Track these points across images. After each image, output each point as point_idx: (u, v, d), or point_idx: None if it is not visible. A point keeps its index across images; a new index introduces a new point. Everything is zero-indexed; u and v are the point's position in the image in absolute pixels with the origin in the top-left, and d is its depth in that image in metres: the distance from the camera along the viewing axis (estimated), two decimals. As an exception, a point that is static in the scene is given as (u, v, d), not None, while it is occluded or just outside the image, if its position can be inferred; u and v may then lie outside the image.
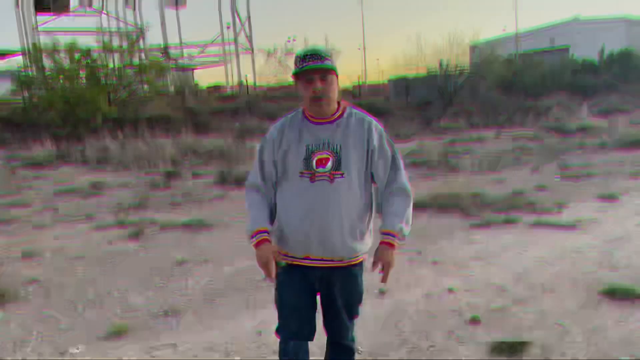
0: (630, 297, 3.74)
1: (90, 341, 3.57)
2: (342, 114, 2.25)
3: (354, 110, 2.29)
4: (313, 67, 2.11)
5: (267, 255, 2.18)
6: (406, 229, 2.28)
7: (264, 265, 2.19)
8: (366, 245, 2.33)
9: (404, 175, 2.33)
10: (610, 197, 6.99)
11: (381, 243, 2.25)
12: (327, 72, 2.13)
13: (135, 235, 6.16)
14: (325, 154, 2.17)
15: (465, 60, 27.54)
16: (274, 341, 3.34)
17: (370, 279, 4.46)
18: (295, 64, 2.17)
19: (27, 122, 16.92)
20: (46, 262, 5.38)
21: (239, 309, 4.03)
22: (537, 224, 5.88)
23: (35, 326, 3.84)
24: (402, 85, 27.67)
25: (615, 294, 3.80)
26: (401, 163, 2.34)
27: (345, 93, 31.81)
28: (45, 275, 4.94)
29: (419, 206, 6.94)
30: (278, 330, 2.38)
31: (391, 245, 2.23)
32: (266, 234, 2.21)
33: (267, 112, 19.86)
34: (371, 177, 2.31)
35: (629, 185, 7.88)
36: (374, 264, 2.27)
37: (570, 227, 5.71)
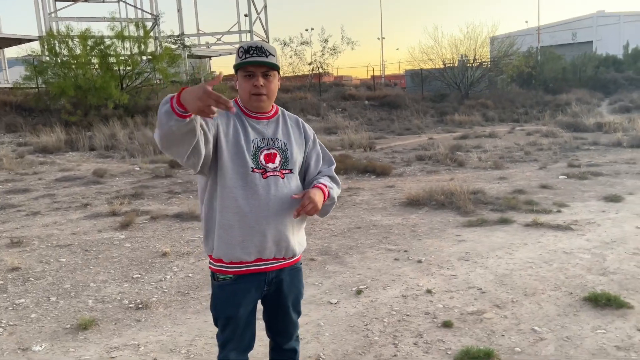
0: (613, 305, 3.58)
1: (55, 335, 3.53)
2: (277, 112, 2.21)
3: (281, 108, 2.26)
4: (256, 61, 2.02)
5: (200, 85, 1.69)
6: (334, 189, 2.20)
7: (205, 97, 1.65)
8: (305, 241, 2.33)
9: (332, 169, 2.31)
10: (613, 199, 6.76)
11: (314, 187, 2.13)
12: (270, 69, 2.06)
13: (125, 225, 6.15)
14: (272, 151, 2.12)
15: (483, 53, 27.11)
16: None
17: (349, 277, 4.40)
18: (239, 56, 2.06)
19: (39, 108, 17.12)
20: (32, 250, 5.39)
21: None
22: (533, 225, 5.70)
23: (5, 316, 3.83)
24: (418, 78, 27.32)
25: (598, 302, 3.64)
26: (330, 157, 2.33)
27: (362, 85, 31.58)
28: (27, 263, 4.95)
29: (415, 203, 6.83)
30: (219, 339, 2.26)
31: (321, 188, 2.12)
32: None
33: (280, 102, 19.80)
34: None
35: (637, 185, 7.63)
36: (302, 207, 2.04)
37: (566, 228, 5.52)
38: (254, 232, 2.05)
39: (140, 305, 3.97)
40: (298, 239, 2.20)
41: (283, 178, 2.10)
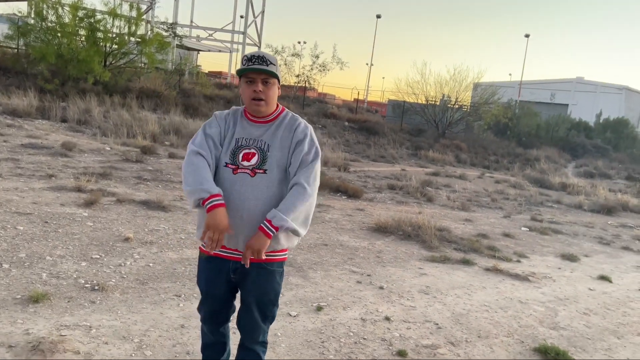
0: (560, 359, 3.69)
1: (4, 304, 3.41)
2: (277, 116, 2.35)
3: (290, 113, 2.39)
4: (257, 69, 2.22)
5: (224, 224, 2.13)
6: (290, 221, 2.17)
7: (216, 234, 2.12)
8: (282, 244, 2.31)
9: (310, 174, 2.25)
10: (570, 257, 6.99)
11: (258, 228, 2.19)
12: (269, 77, 2.25)
13: (89, 204, 6.00)
14: (252, 150, 2.27)
15: (466, 97, 27.78)
16: (192, 341, 3.26)
17: (311, 292, 4.41)
18: (242, 63, 2.27)
19: (15, 70, 16.60)
20: (-11, 212, 5.21)
21: (169, 298, 3.91)
22: (492, 270, 5.84)
23: (-46, 275, 3.68)
24: (400, 109, 27.79)
25: (547, 354, 3.75)
26: (313, 163, 2.28)
27: (344, 106, 31.88)
28: (-17, 225, 4.77)
29: (383, 230, 6.91)
30: (198, 309, 2.53)
31: (262, 230, 2.17)
32: (222, 199, 2.17)
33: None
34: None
35: (594, 248, 7.92)
36: (246, 250, 2.20)
37: (523, 279, 5.68)
38: None
39: (96, 287, 3.87)
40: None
41: (253, 176, 2.23)
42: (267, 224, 2.17)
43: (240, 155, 2.26)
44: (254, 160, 2.25)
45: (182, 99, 18.76)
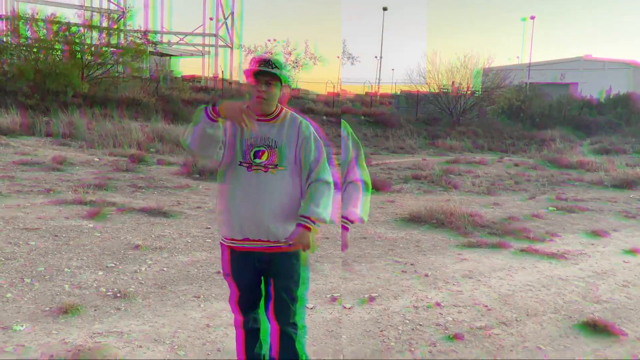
0: (610, 330, 3.86)
1: (35, 316, 3.58)
2: (279, 115, 2.57)
3: (290, 113, 2.61)
4: (264, 70, 2.44)
5: (235, 103, 2.38)
6: (322, 212, 2.49)
7: (237, 111, 2.35)
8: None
9: (325, 169, 2.56)
10: (600, 233, 7.12)
11: (297, 226, 2.49)
12: (273, 79, 2.46)
13: (93, 215, 6.19)
14: (262, 147, 2.51)
15: (476, 83, 27.75)
16: (220, 339, 3.44)
17: (360, 284, 4.61)
18: (251, 64, 2.49)
19: (-5, 88, 16.65)
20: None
21: (189, 299, 4.09)
22: (528, 250, 6.00)
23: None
24: (413, 99, 27.85)
25: (597, 326, 3.92)
26: (323, 158, 2.57)
27: (357, 100, 32.02)
28: (-5, 243, 4.96)
29: (416, 219, 7.09)
30: (234, 301, 2.69)
31: (306, 228, 2.47)
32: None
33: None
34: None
35: (621, 222, 8.03)
36: (291, 245, 2.50)
37: (560, 256, 5.83)
38: (237, 216, 2.51)
39: (118, 294, 4.06)
40: (283, 226, 2.51)
41: (266, 172, 2.49)
42: (307, 220, 2.46)
43: (252, 153, 2.49)
44: (265, 157, 2.49)
45: (162, 104, 18.91)
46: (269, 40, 35.15)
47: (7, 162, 9.35)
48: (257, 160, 2.49)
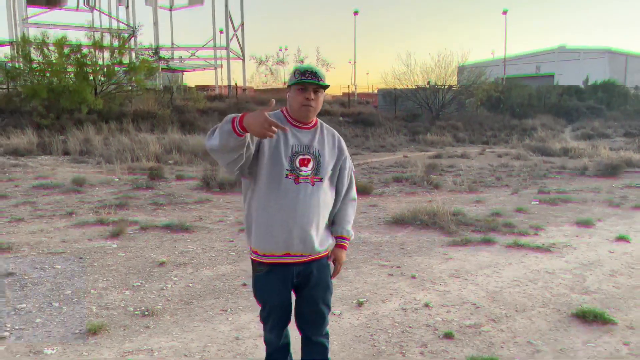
0: (600, 321, 3.85)
1: (65, 339, 3.55)
2: (316, 124, 2.53)
3: (319, 121, 2.56)
4: (314, 82, 2.37)
5: (261, 113, 2.06)
6: (352, 232, 2.67)
7: (264, 120, 2.04)
8: (330, 240, 2.60)
9: (354, 187, 2.69)
10: (585, 223, 7.16)
11: (336, 246, 2.61)
12: (321, 88, 2.42)
13: (115, 234, 6.14)
14: (308, 156, 2.43)
15: (453, 81, 27.98)
16: (250, 351, 3.41)
17: (348, 290, 4.56)
18: (295, 76, 2.40)
19: (9, 109, 16.70)
20: (23, 256, 5.33)
21: (217, 313, 4.05)
22: (514, 246, 6.00)
23: (9, 320, 3.81)
24: (391, 97, 27.97)
25: (586, 317, 3.91)
26: (353, 176, 2.69)
27: (335, 101, 32.09)
28: (21, 269, 4.90)
29: (400, 222, 7.06)
30: (264, 319, 2.64)
31: (344, 247, 2.63)
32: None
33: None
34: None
35: (605, 212, 8.09)
36: (333, 261, 2.63)
37: (545, 250, 5.84)
38: (283, 230, 2.39)
39: (146, 312, 4.01)
40: (322, 237, 2.50)
41: (313, 185, 2.41)
42: (346, 241, 2.63)
43: (297, 161, 2.40)
44: (310, 167, 2.42)
45: (177, 115, 18.93)
46: (280, 50, 34.69)
47: (28, 187, 9.28)
48: (304, 171, 2.39)
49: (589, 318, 3.88)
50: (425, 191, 10.00)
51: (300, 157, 2.41)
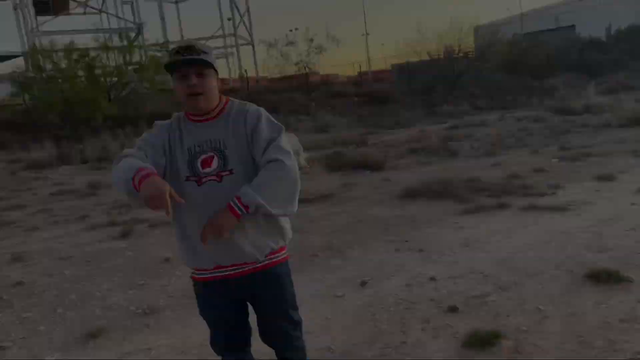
0: (613, 280, 3.64)
1: (66, 346, 3.55)
2: (223, 110, 2.11)
3: (237, 102, 2.16)
4: (188, 60, 1.96)
5: (163, 185, 1.81)
6: (259, 196, 1.93)
7: (157, 196, 1.79)
8: (278, 241, 2.15)
9: (280, 149, 2.02)
10: (606, 178, 6.84)
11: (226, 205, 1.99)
12: (204, 67, 2.00)
13: (125, 234, 6.16)
14: (210, 154, 2.04)
15: (468, 43, 27.20)
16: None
17: (352, 270, 4.44)
18: (171, 56, 2.03)
19: (28, 124, 17.08)
20: (34, 264, 5.40)
21: None
22: (529, 208, 5.77)
23: (14, 330, 3.85)
24: (405, 72, 27.43)
25: (599, 277, 3.70)
26: (279, 138, 2.06)
27: (350, 82, 31.70)
28: (30, 277, 4.95)
29: (412, 194, 6.87)
30: (212, 344, 2.35)
31: (232, 210, 1.95)
32: (151, 170, 1.90)
33: (269, 104, 19.84)
34: None
35: (629, 163, 7.72)
36: (209, 228, 2.01)
37: (562, 209, 5.59)
38: (198, 242, 2.03)
39: (147, 311, 3.99)
40: (259, 242, 2.08)
41: (220, 181, 2.01)
42: (237, 202, 1.94)
43: (199, 163, 2.03)
44: (215, 164, 2.02)
45: None
46: (290, 31, 33.69)
47: (46, 194, 9.47)
48: (208, 170, 2.01)
49: (603, 278, 3.67)
50: (441, 160, 9.76)
51: (202, 157, 2.03)
